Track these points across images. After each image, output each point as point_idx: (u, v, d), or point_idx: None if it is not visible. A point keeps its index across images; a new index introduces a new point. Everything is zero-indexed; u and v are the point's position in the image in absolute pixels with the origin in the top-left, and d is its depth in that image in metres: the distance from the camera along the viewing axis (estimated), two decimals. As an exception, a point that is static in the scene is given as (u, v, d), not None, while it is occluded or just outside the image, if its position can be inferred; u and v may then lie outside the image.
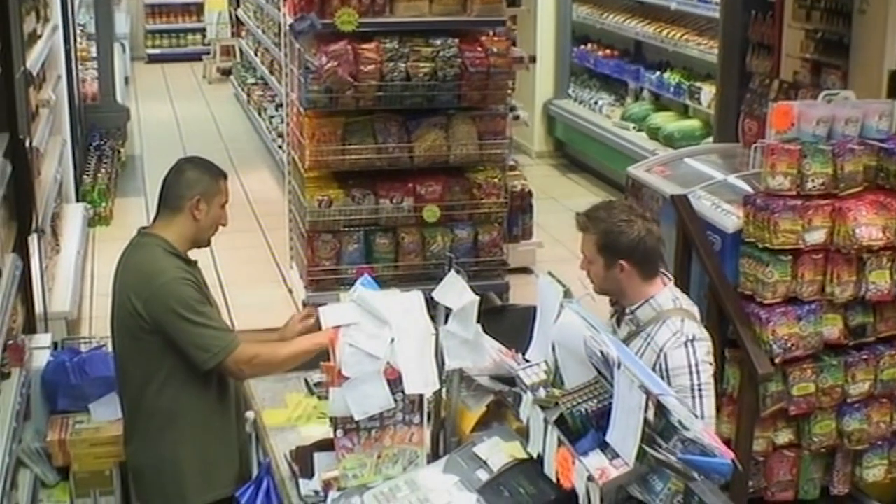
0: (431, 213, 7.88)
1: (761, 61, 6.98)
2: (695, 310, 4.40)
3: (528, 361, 3.89)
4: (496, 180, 8.08)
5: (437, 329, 4.04)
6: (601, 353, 3.41)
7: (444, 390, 4.07)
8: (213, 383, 4.65)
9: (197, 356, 4.46)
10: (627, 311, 4.33)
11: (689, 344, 4.14)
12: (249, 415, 4.97)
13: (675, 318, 4.21)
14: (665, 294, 4.31)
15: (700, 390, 4.10)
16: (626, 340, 4.24)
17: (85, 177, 11.05)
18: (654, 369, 4.11)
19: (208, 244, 4.73)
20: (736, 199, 5.70)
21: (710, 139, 8.97)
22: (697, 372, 4.12)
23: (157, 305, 4.43)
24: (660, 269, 4.38)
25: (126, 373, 4.69)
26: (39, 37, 8.72)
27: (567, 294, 3.83)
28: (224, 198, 4.67)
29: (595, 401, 3.45)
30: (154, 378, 4.55)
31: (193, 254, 4.71)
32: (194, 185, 4.58)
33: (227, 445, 4.78)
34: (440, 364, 4.01)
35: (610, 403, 3.36)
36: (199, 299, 4.49)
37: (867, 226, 5.25)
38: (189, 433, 4.63)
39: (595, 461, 3.32)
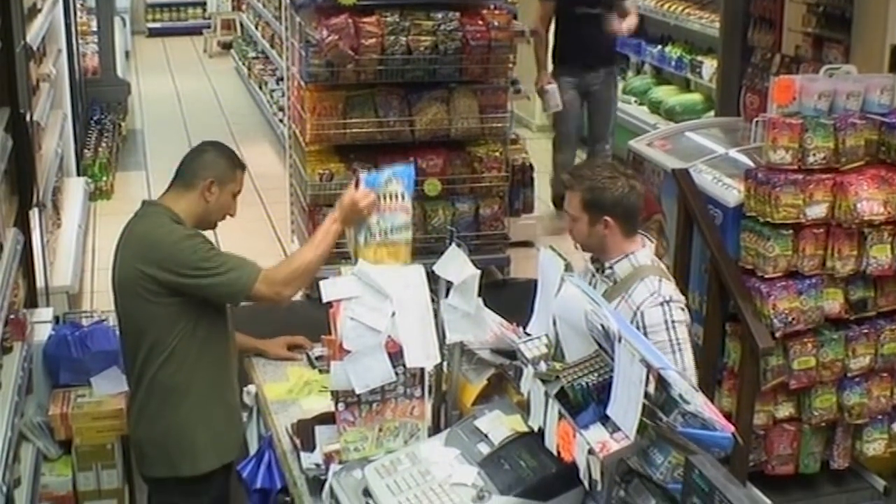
0: (432, 186, 7.88)
1: (763, 35, 6.97)
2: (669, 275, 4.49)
3: (528, 335, 3.90)
4: (497, 154, 8.09)
5: (437, 303, 4.04)
6: (602, 326, 3.42)
7: (445, 364, 4.08)
8: (218, 354, 4.66)
9: (230, 299, 4.57)
10: (606, 265, 4.39)
11: (665, 304, 4.24)
12: (251, 388, 4.98)
13: (652, 277, 4.30)
14: (644, 252, 4.40)
15: (678, 344, 4.22)
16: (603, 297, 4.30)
17: (86, 151, 11.04)
18: None
19: (214, 227, 4.76)
20: (737, 173, 5.70)
21: (712, 113, 8.96)
22: (674, 328, 4.23)
23: (173, 266, 4.43)
24: (639, 228, 4.48)
25: (131, 345, 4.70)
26: (39, 11, 8.69)
27: (568, 268, 3.83)
28: (237, 187, 4.73)
29: (596, 374, 3.45)
30: (160, 349, 4.54)
31: None
32: (211, 167, 4.63)
33: (231, 413, 4.79)
34: (441, 337, 4.01)
35: (611, 377, 3.37)
36: (209, 247, 4.51)
37: (868, 200, 5.26)
38: (195, 404, 4.62)
39: (596, 434, 3.33)
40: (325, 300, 4.01)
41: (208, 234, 4.75)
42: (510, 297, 5.06)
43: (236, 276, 4.46)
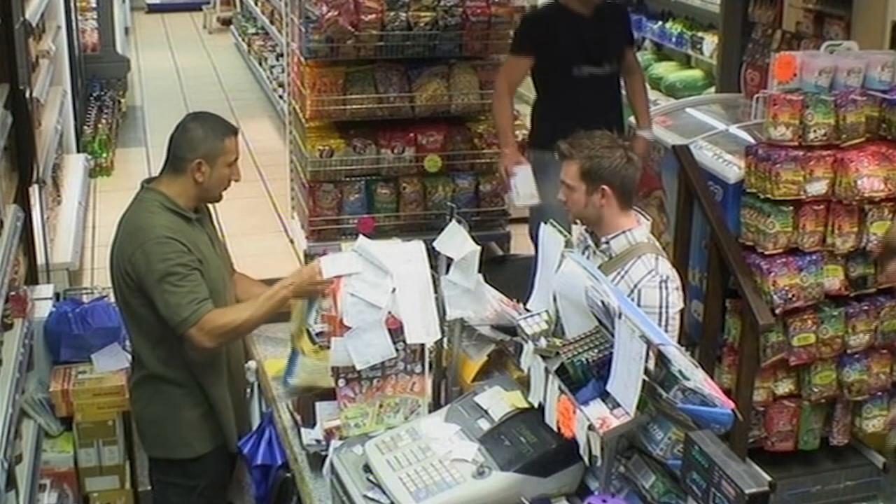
0: (433, 162, 7.88)
1: (764, 11, 6.94)
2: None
3: (529, 311, 3.90)
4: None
5: (438, 279, 4.05)
6: (602, 302, 3.42)
7: (445, 340, 4.09)
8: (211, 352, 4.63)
9: (169, 323, 4.35)
10: (602, 240, 4.34)
11: (663, 285, 4.21)
12: (251, 364, 4.98)
13: (649, 255, 4.27)
14: (641, 230, 4.36)
15: (667, 331, 4.14)
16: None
17: (85, 127, 11.03)
18: None
19: (219, 199, 4.62)
20: (738, 149, 5.70)
21: (713, 89, 8.94)
22: (667, 314, 4.19)
23: (140, 260, 4.34)
24: (634, 203, 4.44)
25: (127, 327, 4.71)
26: (38, -14, 8.68)
27: (568, 244, 3.83)
28: (231, 156, 4.51)
29: (596, 350, 3.46)
30: (150, 341, 4.51)
31: None
32: (197, 147, 4.43)
33: (232, 399, 4.76)
34: (441, 314, 4.02)
35: (611, 353, 3.38)
36: (179, 262, 4.33)
37: (869, 177, 5.25)
38: (188, 394, 4.59)
39: (596, 410, 3.33)
40: (325, 276, 4.02)
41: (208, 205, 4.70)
42: (510, 274, 5.07)
43: (179, 306, 4.28)
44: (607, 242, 4.33)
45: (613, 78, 6.61)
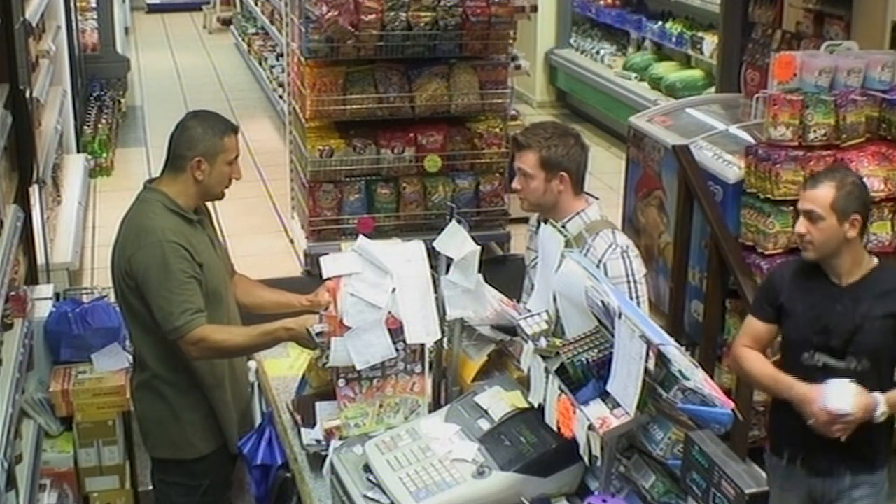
0: (433, 162, 7.88)
1: (764, 11, 6.94)
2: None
3: (529, 311, 3.90)
4: (497, 130, 8.08)
5: (438, 279, 4.05)
6: (602, 302, 3.42)
7: (445, 340, 4.09)
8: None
9: (160, 324, 4.37)
10: (559, 225, 4.35)
11: (625, 255, 4.34)
12: (251, 365, 4.98)
13: (606, 230, 4.40)
14: (594, 209, 4.50)
15: (638, 297, 4.34)
16: None
17: (86, 127, 11.03)
18: None
19: (221, 197, 4.62)
20: (738, 149, 5.70)
21: (713, 89, 8.95)
22: (635, 281, 4.34)
23: (140, 261, 4.34)
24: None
25: (128, 328, 4.70)
26: (38, -14, 8.68)
27: (568, 244, 3.83)
28: (231, 154, 4.51)
29: (596, 350, 3.46)
30: (150, 342, 4.52)
31: None
32: (196, 145, 4.44)
33: (234, 399, 4.76)
34: (441, 313, 4.01)
35: (611, 353, 3.38)
36: (179, 268, 4.34)
37: (869, 177, 5.25)
38: (192, 395, 4.59)
39: (596, 410, 3.34)
40: (325, 276, 4.02)
41: (208, 204, 4.70)
42: (510, 273, 5.07)
43: (173, 314, 4.30)
44: (563, 226, 4.36)
45: (859, 377, 4.31)
